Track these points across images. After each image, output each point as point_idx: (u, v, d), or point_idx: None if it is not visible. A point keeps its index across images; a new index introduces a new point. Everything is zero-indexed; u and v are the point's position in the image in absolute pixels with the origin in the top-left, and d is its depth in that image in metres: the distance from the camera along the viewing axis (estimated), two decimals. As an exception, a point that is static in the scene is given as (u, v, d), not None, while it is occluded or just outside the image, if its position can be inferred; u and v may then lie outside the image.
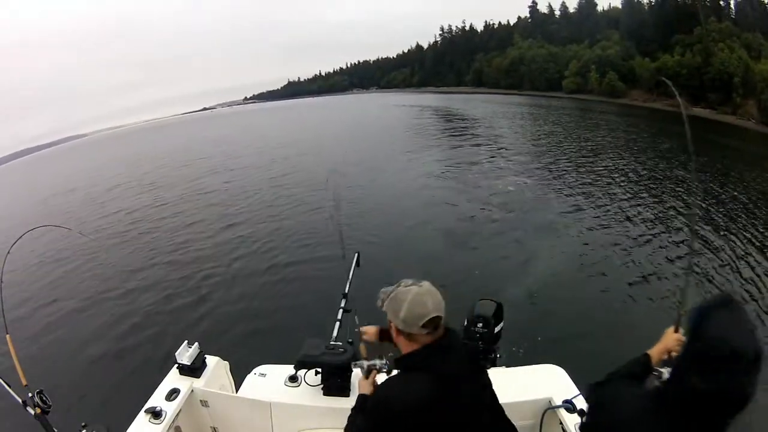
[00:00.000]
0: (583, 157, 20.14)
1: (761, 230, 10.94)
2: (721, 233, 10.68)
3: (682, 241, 10.12)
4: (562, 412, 2.54)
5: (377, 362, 2.21)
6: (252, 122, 69.08)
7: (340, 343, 2.79)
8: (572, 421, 2.49)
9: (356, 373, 2.72)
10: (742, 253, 9.63)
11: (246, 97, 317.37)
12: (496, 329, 3.06)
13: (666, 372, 1.69)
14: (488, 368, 2.89)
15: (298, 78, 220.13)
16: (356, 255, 3.52)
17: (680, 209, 12.48)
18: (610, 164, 18.42)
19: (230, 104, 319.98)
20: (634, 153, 20.93)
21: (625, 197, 13.80)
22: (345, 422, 2.24)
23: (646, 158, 19.40)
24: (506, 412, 2.17)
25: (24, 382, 2.43)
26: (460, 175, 17.80)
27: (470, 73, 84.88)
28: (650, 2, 53.33)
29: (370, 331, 2.11)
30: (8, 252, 3.17)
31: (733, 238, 10.42)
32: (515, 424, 2.12)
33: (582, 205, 13.38)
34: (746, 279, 8.53)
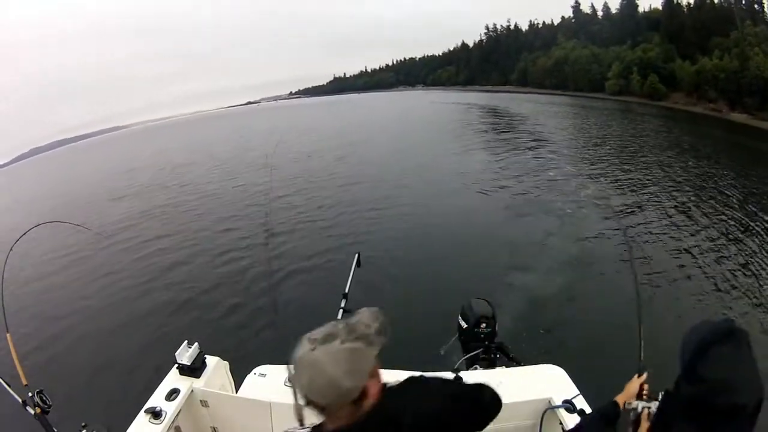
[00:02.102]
0: (618, 156, 20.76)
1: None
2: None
3: (686, 246, 10.20)
4: (562, 412, 2.54)
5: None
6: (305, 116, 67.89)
7: None
8: (572, 421, 2.46)
9: None
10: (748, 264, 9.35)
11: (291, 92, 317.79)
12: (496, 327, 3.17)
13: (639, 405, 1.57)
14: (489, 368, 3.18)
15: (344, 74, 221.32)
16: (357, 255, 3.60)
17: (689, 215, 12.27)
18: (642, 165, 18.67)
19: (275, 98, 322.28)
20: (665, 153, 21.20)
21: (642, 201, 13.75)
22: None
23: (673, 159, 19.67)
24: (506, 412, 2.30)
25: (24, 381, 2.47)
26: (496, 166, 18.98)
27: (515, 72, 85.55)
28: (689, 4, 54.10)
29: None
30: (11, 249, 3.27)
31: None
32: (515, 424, 2.31)
33: (604, 203, 13.51)
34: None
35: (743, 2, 46.65)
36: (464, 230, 11.74)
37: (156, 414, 2.60)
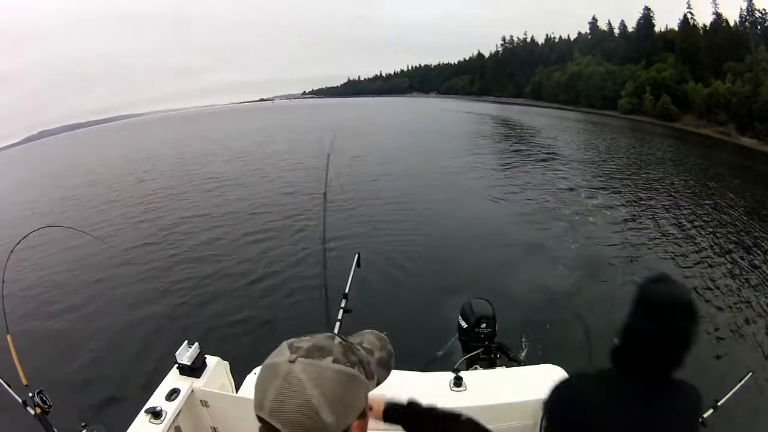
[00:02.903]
0: (624, 171, 21.35)
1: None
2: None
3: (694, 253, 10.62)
4: None
5: None
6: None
7: None
8: None
9: None
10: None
11: (305, 92, 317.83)
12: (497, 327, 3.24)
13: None
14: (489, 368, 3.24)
15: (359, 77, 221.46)
16: (357, 255, 3.60)
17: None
18: (646, 181, 19.13)
19: (288, 97, 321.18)
20: (669, 171, 21.93)
21: (645, 214, 14.10)
22: None
23: (677, 177, 20.35)
24: (506, 412, 2.43)
25: (24, 381, 2.48)
26: (503, 174, 19.35)
27: (530, 85, 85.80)
28: (705, 27, 54.68)
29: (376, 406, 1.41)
30: (11, 251, 3.30)
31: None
32: (515, 424, 2.29)
33: (609, 210, 14.00)
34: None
35: (758, 28, 47.11)
36: (466, 231, 11.78)
37: (156, 414, 2.58)
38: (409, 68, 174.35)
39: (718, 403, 2.47)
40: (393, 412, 1.38)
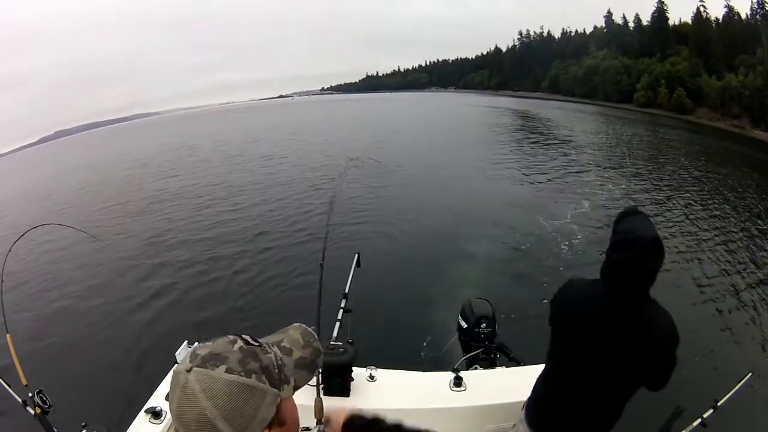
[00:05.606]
0: (637, 161, 21.49)
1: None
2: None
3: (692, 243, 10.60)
4: None
5: None
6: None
7: (340, 343, 2.84)
8: None
9: (357, 373, 2.79)
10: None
11: (323, 88, 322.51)
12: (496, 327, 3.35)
13: None
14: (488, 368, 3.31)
15: (377, 72, 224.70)
16: (356, 255, 3.70)
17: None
18: (658, 172, 19.14)
19: (307, 93, 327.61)
20: (682, 163, 21.80)
21: (657, 203, 14.07)
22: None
23: (689, 169, 20.21)
24: (506, 412, 2.49)
25: (24, 381, 2.48)
26: (510, 166, 19.41)
27: (547, 79, 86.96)
28: (717, 19, 55.46)
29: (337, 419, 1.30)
30: (9, 250, 3.25)
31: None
32: (516, 424, 2.30)
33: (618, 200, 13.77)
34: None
35: (769, 21, 47.78)
36: (468, 229, 11.42)
37: (156, 414, 2.56)
38: (427, 63, 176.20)
39: (718, 403, 2.47)
40: (354, 427, 1.23)
